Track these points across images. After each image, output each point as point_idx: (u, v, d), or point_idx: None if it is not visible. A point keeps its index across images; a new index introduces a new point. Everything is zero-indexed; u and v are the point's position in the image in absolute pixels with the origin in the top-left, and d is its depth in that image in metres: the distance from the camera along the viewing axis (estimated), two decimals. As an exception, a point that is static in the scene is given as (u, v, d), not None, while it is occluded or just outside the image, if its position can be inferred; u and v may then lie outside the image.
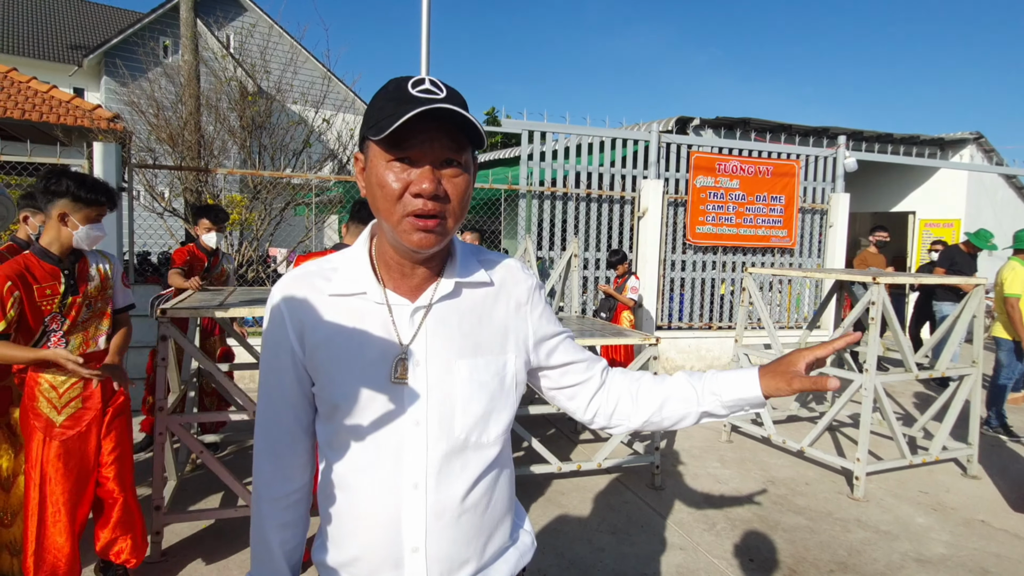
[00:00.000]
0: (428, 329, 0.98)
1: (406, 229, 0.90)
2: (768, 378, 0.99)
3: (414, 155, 0.88)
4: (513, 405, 1.06)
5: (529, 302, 1.08)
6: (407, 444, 0.96)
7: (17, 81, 7.08)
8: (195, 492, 3.63)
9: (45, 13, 20.01)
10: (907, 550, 3.25)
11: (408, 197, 0.89)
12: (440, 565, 0.97)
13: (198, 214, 4.38)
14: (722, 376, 1.04)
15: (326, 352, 0.97)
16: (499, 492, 1.04)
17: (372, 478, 0.97)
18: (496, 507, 1.03)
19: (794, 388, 0.96)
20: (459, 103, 0.89)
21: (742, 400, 1.01)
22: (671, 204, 7.35)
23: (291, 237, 9.04)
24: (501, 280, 1.06)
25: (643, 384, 1.11)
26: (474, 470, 0.99)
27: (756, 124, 8.14)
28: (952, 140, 9.93)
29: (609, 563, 3.01)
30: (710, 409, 1.05)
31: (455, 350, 0.98)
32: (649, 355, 3.85)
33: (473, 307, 1.02)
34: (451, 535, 0.97)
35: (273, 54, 9.24)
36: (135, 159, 6.94)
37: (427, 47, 6.22)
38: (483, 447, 1.00)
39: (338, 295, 0.99)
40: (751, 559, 3.11)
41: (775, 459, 4.57)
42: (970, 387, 4.42)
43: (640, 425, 1.12)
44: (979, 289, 4.34)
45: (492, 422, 1.01)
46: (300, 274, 1.01)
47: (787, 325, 8.02)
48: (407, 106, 0.85)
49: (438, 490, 0.96)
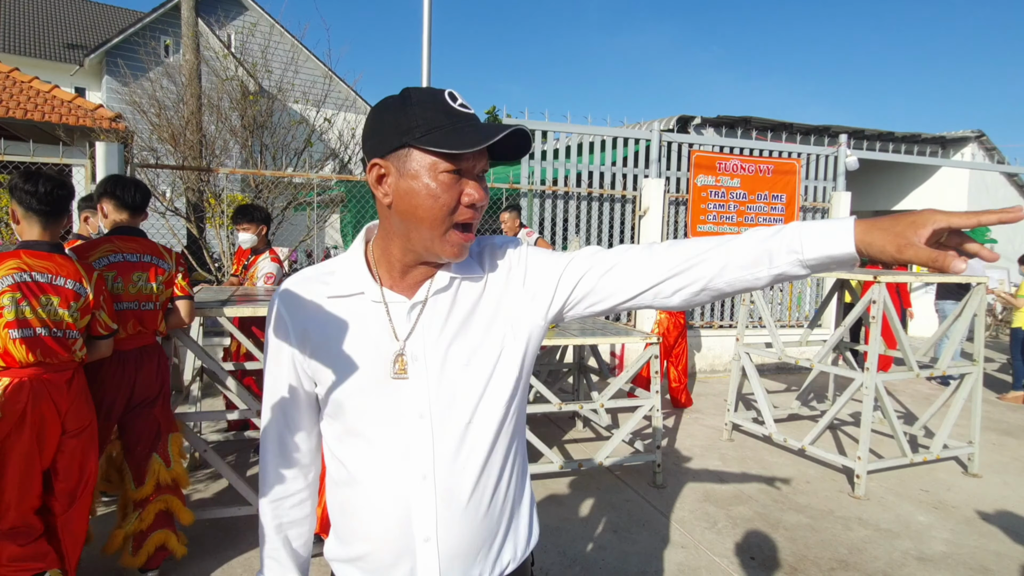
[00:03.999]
0: (424, 324, 1.00)
1: (452, 240, 0.95)
2: (871, 232, 0.80)
3: (466, 167, 0.93)
4: (516, 385, 1.04)
5: (513, 269, 1.05)
6: (413, 437, 0.98)
7: (19, 81, 7.09)
8: (199, 489, 3.65)
9: (46, 13, 20.01)
10: (908, 548, 3.26)
11: (462, 208, 0.94)
12: (451, 552, 0.99)
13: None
14: (805, 229, 0.85)
15: (327, 352, 1.00)
16: (508, 475, 1.05)
17: (380, 473, 0.99)
18: (505, 490, 1.05)
19: (904, 256, 0.77)
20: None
21: (829, 258, 0.83)
22: (672, 203, 7.36)
23: (293, 236, 9.05)
24: (489, 258, 1.07)
25: (696, 248, 0.95)
26: (480, 456, 1.01)
27: (757, 123, 8.15)
28: (953, 138, 9.93)
29: (611, 561, 3.02)
30: (786, 271, 0.87)
31: (451, 341, 1.00)
32: (650, 354, 3.86)
33: (466, 296, 1.03)
34: (461, 522, 0.99)
35: (274, 53, 9.23)
36: (137, 159, 6.94)
37: (428, 46, 6.22)
38: (488, 432, 1.01)
39: (337, 296, 1.02)
40: (752, 557, 3.12)
41: (776, 457, 4.58)
42: (971, 385, 4.42)
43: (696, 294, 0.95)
44: (980, 287, 4.35)
45: (494, 406, 1.02)
46: (299, 279, 1.05)
47: (788, 324, 8.02)
48: (464, 121, 0.91)
49: (447, 479, 0.98)
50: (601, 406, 3.90)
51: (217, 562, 2.88)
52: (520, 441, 1.11)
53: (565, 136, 7.09)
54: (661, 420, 3.97)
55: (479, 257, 1.06)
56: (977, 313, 4.38)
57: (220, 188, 7.59)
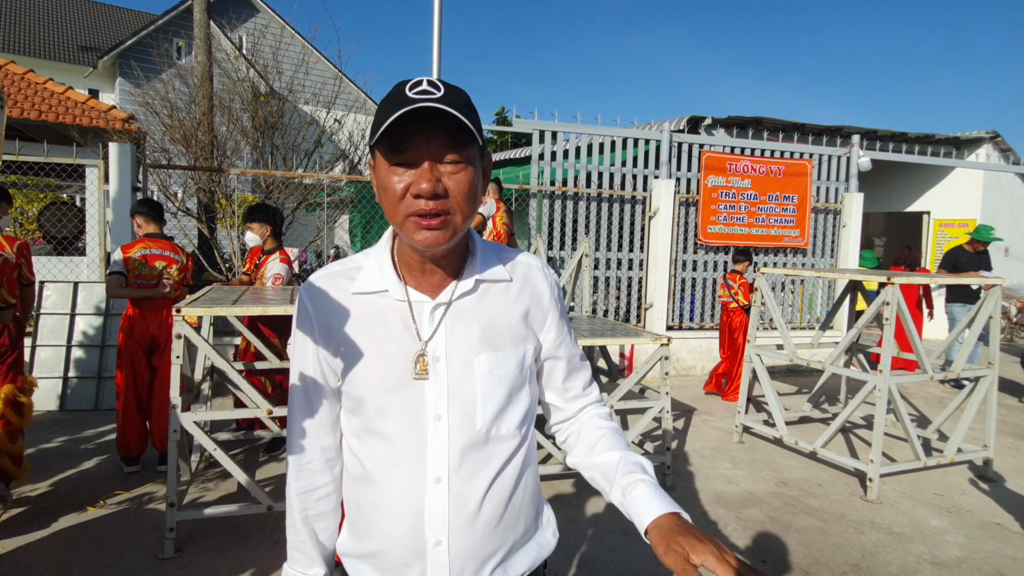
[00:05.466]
0: (448, 325, 0.99)
1: (410, 229, 0.92)
2: (658, 530, 0.91)
3: (412, 157, 0.90)
4: (534, 394, 1.08)
5: (547, 305, 1.09)
6: (429, 439, 0.98)
7: (34, 83, 7.16)
8: (209, 488, 3.67)
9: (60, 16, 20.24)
10: (922, 552, 3.21)
11: (409, 198, 0.90)
12: (463, 558, 0.98)
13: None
14: (635, 492, 0.99)
15: (350, 349, 1.01)
16: (523, 485, 1.05)
17: (396, 472, 0.99)
18: (519, 500, 1.04)
19: (664, 561, 0.87)
20: (457, 101, 0.89)
21: (633, 519, 0.98)
22: (682, 204, 7.33)
23: (303, 237, 9.09)
24: (522, 276, 1.07)
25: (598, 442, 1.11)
26: (496, 463, 1.01)
27: (769, 123, 8.10)
28: (968, 139, 9.82)
29: (620, 563, 3.00)
30: (615, 503, 1.04)
31: (474, 345, 1.00)
32: (660, 355, 3.84)
33: (493, 302, 1.03)
34: (473, 529, 0.98)
35: (285, 55, 9.29)
36: (149, 159, 6.99)
37: (439, 47, 6.24)
38: (505, 439, 1.02)
39: (361, 293, 1.01)
40: (763, 560, 3.09)
41: (787, 460, 4.54)
42: (986, 389, 4.37)
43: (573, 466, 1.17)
44: (995, 289, 4.29)
45: (513, 414, 1.03)
46: (325, 274, 1.05)
47: (799, 325, 7.96)
48: (400, 108, 0.86)
49: (461, 484, 0.98)
50: (611, 407, 3.88)
51: (227, 561, 2.89)
52: (533, 451, 1.11)
53: (575, 136, 7.08)
54: (671, 422, 3.94)
55: (512, 266, 1.07)
56: (992, 316, 4.33)
57: (231, 189, 7.64)
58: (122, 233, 5.70)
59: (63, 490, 3.59)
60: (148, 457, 4.04)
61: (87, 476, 3.81)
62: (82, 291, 5.41)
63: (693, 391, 6.63)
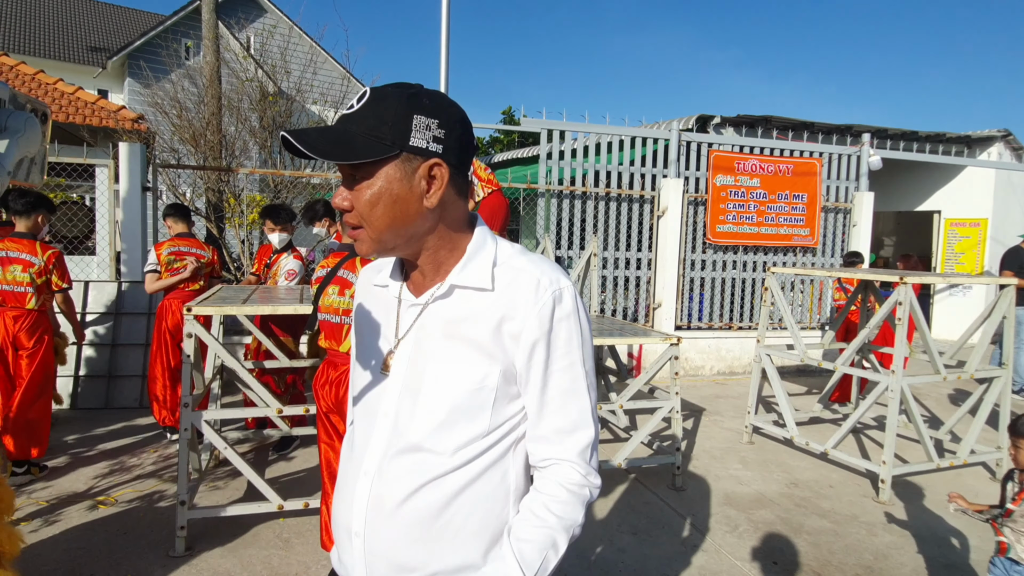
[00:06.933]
0: (419, 327, 1.02)
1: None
2: None
3: (343, 174, 0.95)
4: (488, 421, 0.97)
5: (523, 318, 0.95)
6: (375, 433, 1.02)
7: (44, 83, 7.21)
8: (219, 486, 3.68)
9: (70, 17, 20.37)
10: (935, 555, 3.19)
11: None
12: (377, 559, 0.99)
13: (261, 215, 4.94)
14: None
15: (359, 333, 1.14)
16: (463, 511, 0.96)
17: (348, 457, 1.09)
18: (454, 524, 0.96)
19: None
20: (364, 115, 0.91)
21: None
22: (691, 203, 7.29)
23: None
24: (506, 284, 0.97)
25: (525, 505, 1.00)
26: (425, 476, 0.96)
27: (778, 122, 8.05)
28: (979, 138, 9.73)
29: (630, 563, 2.99)
30: None
31: (432, 351, 0.99)
32: (670, 355, 3.82)
33: (464, 312, 0.97)
34: (387, 532, 0.97)
35: (293, 55, 9.30)
36: (159, 159, 7.03)
37: (446, 47, 6.23)
38: (442, 455, 0.96)
39: (377, 285, 1.11)
40: (775, 562, 3.07)
41: (798, 461, 4.51)
42: (1000, 389, 4.32)
43: None
44: (1009, 289, 4.25)
45: (455, 433, 0.96)
46: (372, 263, 1.16)
47: (809, 325, 7.91)
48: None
49: (380, 483, 0.99)
50: (620, 407, 3.86)
51: (237, 559, 2.89)
52: (499, 484, 0.99)
53: (583, 136, 7.05)
54: (681, 422, 3.92)
55: (503, 272, 0.98)
56: (1007, 316, 4.28)
57: (240, 188, 7.67)
58: (132, 232, 5.72)
59: (74, 488, 3.61)
60: (149, 461, 4.04)
61: (97, 474, 3.83)
62: (92, 290, 5.44)
63: (702, 391, 6.60)
